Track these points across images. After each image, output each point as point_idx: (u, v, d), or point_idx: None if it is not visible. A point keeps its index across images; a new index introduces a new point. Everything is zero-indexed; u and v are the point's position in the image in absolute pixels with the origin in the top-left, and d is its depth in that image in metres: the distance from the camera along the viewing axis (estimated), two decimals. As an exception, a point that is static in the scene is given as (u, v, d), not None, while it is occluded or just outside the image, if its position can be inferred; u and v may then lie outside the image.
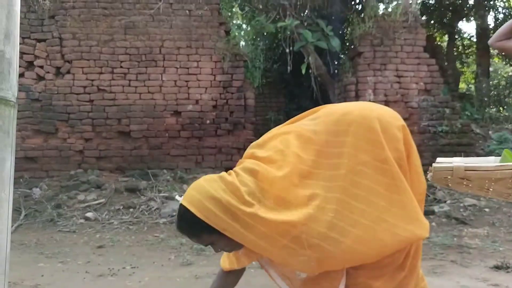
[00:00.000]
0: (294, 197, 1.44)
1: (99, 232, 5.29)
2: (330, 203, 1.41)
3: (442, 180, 1.67)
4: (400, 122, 1.59)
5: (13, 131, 0.92)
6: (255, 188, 1.45)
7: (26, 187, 6.61)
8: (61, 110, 7.17)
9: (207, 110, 7.44)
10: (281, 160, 1.50)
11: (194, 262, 3.96)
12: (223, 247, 1.53)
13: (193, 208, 1.43)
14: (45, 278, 3.50)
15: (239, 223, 1.41)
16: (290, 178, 1.46)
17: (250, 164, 1.53)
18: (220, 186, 1.45)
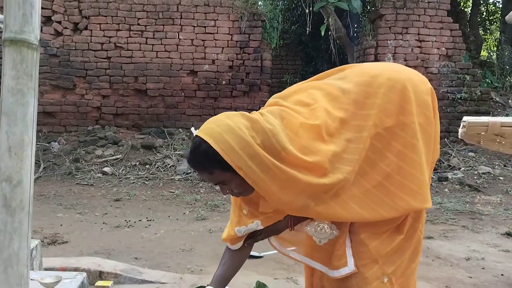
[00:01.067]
0: (318, 149, 1.41)
1: (116, 186, 5.43)
2: (348, 164, 1.42)
3: (474, 137, 1.65)
4: (428, 86, 1.58)
5: (36, 74, 0.95)
6: (281, 132, 1.38)
7: (45, 141, 6.77)
8: (78, 66, 7.22)
9: (223, 71, 7.41)
10: (308, 113, 1.48)
11: (208, 217, 4.07)
12: (233, 189, 1.45)
13: (211, 139, 1.34)
14: (63, 227, 3.64)
15: (257, 164, 1.34)
16: (318, 130, 1.43)
17: (276, 109, 1.49)
18: (242, 122, 1.37)
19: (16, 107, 0.91)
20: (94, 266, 2.27)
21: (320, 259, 1.60)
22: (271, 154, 1.35)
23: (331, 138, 1.44)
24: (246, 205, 1.61)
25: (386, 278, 1.51)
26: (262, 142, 1.35)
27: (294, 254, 1.70)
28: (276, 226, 1.62)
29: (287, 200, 1.42)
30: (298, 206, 1.43)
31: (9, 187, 0.91)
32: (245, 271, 2.59)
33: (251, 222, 1.59)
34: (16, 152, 0.91)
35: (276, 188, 1.38)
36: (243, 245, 1.67)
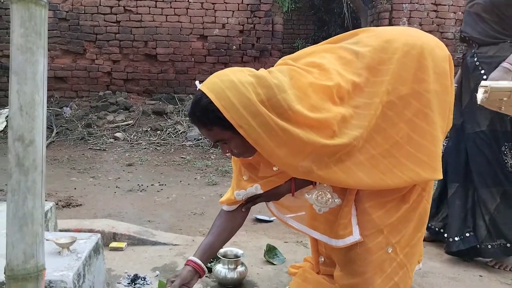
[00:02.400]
0: (328, 110, 1.37)
1: (128, 152, 5.48)
2: (355, 129, 1.39)
3: (496, 102, 1.61)
4: (446, 52, 1.52)
5: (45, 32, 0.93)
6: (289, 91, 1.34)
7: (57, 106, 6.81)
8: (88, 30, 7.15)
9: (234, 35, 7.29)
10: (319, 73, 1.43)
11: (219, 183, 4.11)
12: (232, 148, 1.41)
13: (212, 94, 1.30)
14: (77, 191, 3.71)
15: (259, 124, 1.29)
16: (329, 92, 1.39)
17: (285, 68, 1.45)
18: (247, 78, 1.32)
19: (26, 66, 0.90)
20: (108, 228, 2.31)
21: (320, 228, 1.59)
22: (276, 113, 1.31)
23: (341, 102, 1.41)
24: (246, 170, 1.59)
25: (390, 248, 1.51)
26: (268, 100, 1.31)
27: (292, 222, 1.69)
28: (277, 190, 1.59)
29: (289, 162, 1.39)
30: (300, 169, 1.40)
31: (21, 147, 0.91)
32: (256, 234, 2.63)
33: (251, 186, 1.57)
34: (28, 111, 0.90)
35: (278, 149, 1.34)
36: (240, 209, 1.65)
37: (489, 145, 2.16)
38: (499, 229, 2.17)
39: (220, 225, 1.63)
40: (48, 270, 1.18)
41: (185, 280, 1.48)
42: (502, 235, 2.17)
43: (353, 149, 1.39)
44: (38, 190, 0.94)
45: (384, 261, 1.51)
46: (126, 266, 1.97)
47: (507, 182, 2.18)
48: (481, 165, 1.68)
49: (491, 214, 2.18)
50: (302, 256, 2.09)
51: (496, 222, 2.17)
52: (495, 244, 2.17)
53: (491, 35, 2.18)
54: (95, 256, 1.61)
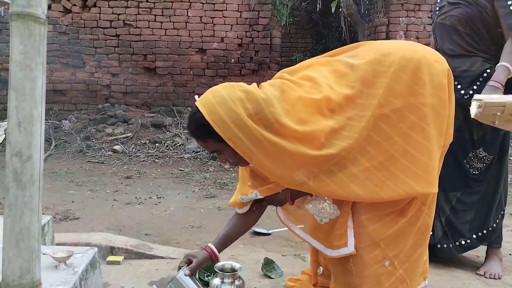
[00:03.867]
0: (316, 123, 1.41)
1: (126, 164, 5.48)
2: (344, 140, 1.40)
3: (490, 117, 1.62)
4: (445, 66, 1.52)
5: (43, 49, 0.94)
6: (277, 105, 1.40)
7: (56, 119, 6.82)
8: (88, 44, 7.20)
9: (232, 49, 7.35)
10: (310, 87, 1.47)
11: (217, 195, 4.10)
12: (227, 158, 1.51)
13: (204, 110, 1.40)
14: (75, 204, 3.70)
15: (247, 137, 1.38)
16: (318, 104, 1.43)
17: (277, 81, 1.50)
18: (237, 94, 1.40)
19: (25, 82, 0.92)
20: (105, 241, 2.31)
21: (319, 238, 1.61)
22: (264, 126, 1.38)
23: (331, 114, 1.43)
24: (251, 178, 1.67)
25: (388, 262, 1.50)
26: (256, 114, 1.38)
27: (296, 229, 1.72)
28: (276, 197, 1.66)
29: (279, 174, 1.44)
30: (292, 181, 1.45)
31: (19, 162, 0.92)
32: (254, 248, 2.62)
33: (251, 192, 1.65)
34: (26, 127, 0.92)
35: (267, 161, 1.41)
36: (252, 209, 1.75)
37: (453, 153, 2.21)
38: (455, 229, 2.30)
39: (236, 220, 1.77)
40: (45, 284, 1.17)
41: (200, 264, 1.66)
42: (459, 234, 2.30)
43: (344, 160, 1.40)
44: (35, 205, 0.94)
45: (381, 275, 1.51)
46: (122, 280, 1.96)
47: (466, 187, 2.29)
48: (442, 171, 1.76)
49: (447, 216, 2.31)
50: (300, 270, 2.08)
51: (452, 223, 2.30)
52: (450, 244, 2.32)
53: (464, 47, 2.21)
54: (92, 270, 1.61)
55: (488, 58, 2.18)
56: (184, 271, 1.60)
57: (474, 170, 2.28)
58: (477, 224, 2.32)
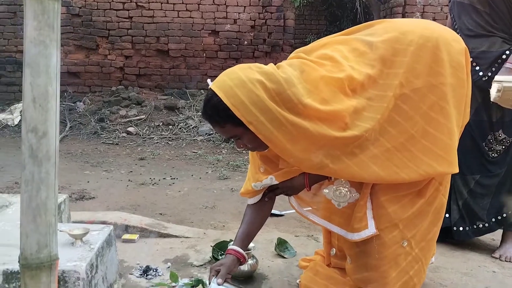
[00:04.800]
0: (340, 102, 1.37)
1: (140, 146, 5.53)
2: (367, 122, 1.38)
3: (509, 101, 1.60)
4: (462, 45, 1.50)
5: (58, 25, 0.94)
6: (298, 85, 1.35)
7: (70, 101, 6.88)
8: (101, 26, 7.21)
9: (245, 31, 7.28)
10: (331, 66, 1.43)
11: (230, 177, 4.12)
12: (246, 143, 1.45)
13: (222, 93, 1.33)
14: (90, 184, 3.75)
15: (269, 120, 1.31)
16: (340, 84, 1.39)
17: (296, 61, 1.45)
18: (256, 76, 1.34)
19: (39, 58, 0.91)
20: (121, 220, 2.34)
21: (338, 222, 1.59)
22: (287, 108, 1.33)
23: (354, 94, 1.40)
24: (263, 164, 1.62)
25: (406, 242, 1.51)
26: (278, 95, 1.32)
27: (312, 216, 1.70)
28: (292, 182, 1.61)
29: (301, 157, 1.40)
30: (313, 164, 1.41)
31: (35, 138, 0.92)
32: (267, 228, 2.63)
33: (266, 178, 1.60)
34: (41, 103, 0.92)
35: (289, 144, 1.35)
36: (264, 200, 1.69)
37: (471, 135, 2.19)
38: (473, 212, 2.29)
39: (250, 215, 1.69)
40: (62, 260, 1.19)
41: (230, 268, 1.56)
42: (477, 217, 2.29)
43: (366, 142, 1.38)
44: (51, 181, 0.95)
45: (399, 255, 1.51)
46: (138, 258, 1.99)
47: (485, 170, 2.26)
48: (460, 154, 1.73)
49: (464, 199, 2.29)
50: (313, 250, 2.09)
51: (470, 206, 2.29)
52: (466, 227, 2.30)
53: (482, 27, 2.15)
54: (108, 247, 1.63)
55: (508, 38, 2.12)
56: (217, 281, 1.50)
57: (493, 152, 2.24)
58: (495, 207, 2.29)
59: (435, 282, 1.91)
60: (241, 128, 1.36)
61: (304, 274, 1.81)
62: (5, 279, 1.31)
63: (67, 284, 1.32)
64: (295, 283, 1.80)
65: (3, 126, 6.23)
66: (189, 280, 1.76)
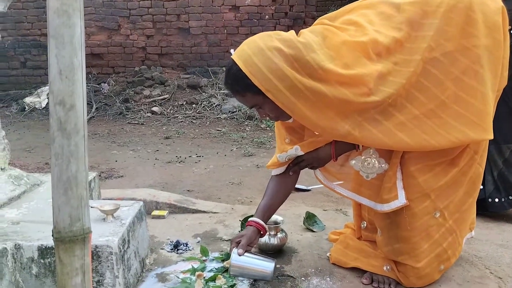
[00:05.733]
0: (363, 67, 1.33)
1: (165, 125, 5.56)
2: (390, 86, 1.33)
3: None
4: (499, 4, 1.41)
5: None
6: (318, 51, 1.32)
7: (95, 83, 6.96)
8: (122, 6, 7.20)
9: (266, 4, 7.15)
10: (355, 30, 1.39)
11: (255, 154, 4.11)
12: (268, 112, 1.45)
13: (240, 62, 1.34)
14: (118, 163, 3.80)
15: (287, 87, 1.31)
16: (364, 48, 1.35)
17: (318, 27, 1.43)
18: (274, 43, 1.33)
19: (63, 29, 0.89)
20: (150, 197, 2.36)
21: (367, 194, 1.55)
22: (307, 73, 1.30)
23: (378, 58, 1.35)
24: (288, 135, 1.60)
25: (438, 213, 1.46)
26: (297, 61, 1.30)
27: (340, 189, 1.67)
28: (317, 153, 1.58)
29: (323, 126, 1.37)
30: (336, 132, 1.38)
31: (63, 111, 0.91)
32: (294, 203, 2.62)
33: (291, 148, 1.58)
34: (67, 75, 0.90)
35: (309, 111, 1.33)
36: (287, 173, 1.67)
37: (506, 102, 2.09)
38: (508, 182, 2.23)
39: (273, 188, 1.68)
40: (94, 235, 1.20)
41: (250, 239, 1.57)
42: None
43: (389, 108, 1.34)
44: (81, 154, 0.94)
45: (431, 227, 1.47)
46: (168, 233, 2.01)
47: None
48: (494, 122, 1.64)
49: (499, 169, 2.23)
50: (342, 224, 2.06)
51: (505, 176, 2.23)
52: (502, 198, 2.24)
53: None
54: (138, 222, 1.64)
55: None
56: (238, 251, 1.51)
57: None
58: None
59: (470, 254, 1.85)
60: (261, 96, 1.36)
61: (334, 247, 1.79)
62: (40, 255, 1.33)
63: (100, 258, 1.34)
64: (325, 256, 1.78)
65: (31, 109, 6.36)
66: (219, 254, 1.77)
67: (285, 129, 1.62)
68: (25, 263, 1.34)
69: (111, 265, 1.34)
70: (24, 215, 1.58)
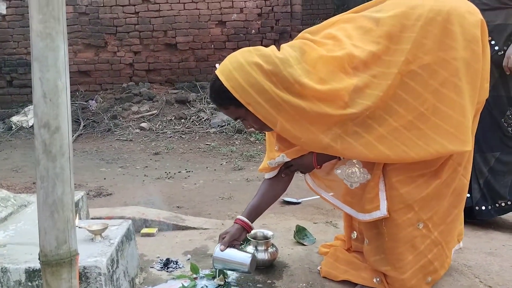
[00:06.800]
0: (339, 81, 1.36)
1: (154, 141, 5.54)
2: (367, 99, 1.36)
3: None
4: (478, 17, 1.44)
5: (63, 17, 0.92)
6: (295, 66, 1.37)
7: (82, 100, 6.92)
8: (108, 23, 7.21)
9: (252, 19, 7.22)
10: (333, 45, 1.42)
11: (245, 167, 4.11)
12: (251, 123, 1.51)
13: (222, 77, 1.41)
14: (107, 181, 3.77)
15: (266, 101, 1.36)
16: (339, 62, 1.38)
17: (298, 42, 1.47)
18: (254, 58, 1.39)
19: (47, 52, 0.90)
20: (139, 214, 2.34)
21: (350, 202, 1.58)
22: (285, 88, 1.35)
23: (355, 72, 1.38)
24: (278, 142, 1.65)
25: (421, 224, 1.47)
26: (274, 76, 1.36)
27: (327, 196, 1.70)
28: (302, 160, 1.62)
29: (304, 138, 1.41)
30: (317, 144, 1.42)
31: (48, 134, 0.91)
32: (284, 216, 2.62)
33: (278, 155, 1.64)
34: (51, 98, 0.90)
35: (289, 125, 1.39)
36: (280, 175, 1.72)
37: (490, 112, 2.14)
38: (494, 190, 2.25)
39: (264, 189, 1.74)
40: (82, 256, 1.19)
41: (234, 236, 1.64)
42: (499, 195, 2.25)
43: (368, 121, 1.37)
44: (67, 177, 0.94)
45: (415, 238, 1.48)
46: (158, 251, 1.99)
47: (505, 147, 2.22)
48: (478, 132, 1.68)
49: (485, 178, 2.25)
50: (332, 236, 2.07)
51: (491, 184, 2.25)
52: (489, 206, 2.26)
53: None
54: (127, 241, 1.63)
55: None
56: (219, 247, 1.60)
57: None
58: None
59: (459, 263, 1.87)
60: (243, 109, 1.43)
61: (324, 260, 1.79)
62: (27, 277, 1.31)
63: (89, 279, 1.32)
64: (316, 270, 1.78)
65: (18, 128, 6.29)
66: (210, 271, 1.76)
67: (275, 137, 1.67)
68: (12, 286, 1.32)
69: (100, 286, 1.33)
70: (11, 237, 1.56)
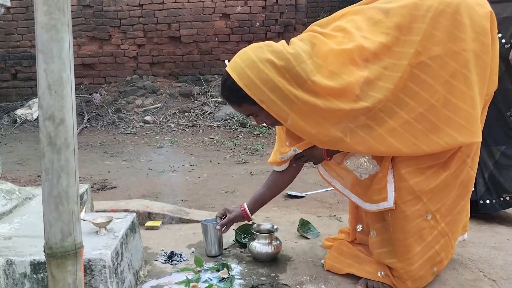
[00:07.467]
0: (349, 74, 1.36)
1: (158, 134, 5.55)
2: (379, 92, 1.36)
3: None
4: (487, 9, 1.44)
5: (68, 9, 0.91)
6: (308, 61, 1.37)
7: (86, 93, 6.93)
8: (112, 15, 7.19)
9: (256, 12, 7.18)
10: (342, 37, 1.42)
11: (248, 161, 4.11)
12: (264, 119, 1.53)
13: (235, 74, 1.41)
14: (111, 174, 3.78)
15: (279, 98, 1.37)
16: (349, 55, 1.37)
17: (307, 35, 1.46)
18: (266, 55, 1.38)
19: (52, 44, 0.89)
20: (143, 207, 2.35)
21: (358, 192, 1.59)
22: (297, 84, 1.36)
23: (366, 63, 1.38)
24: (288, 138, 1.67)
25: (430, 216, 1.48)
26: (287, 72, 1.36)
27: (337, 184, 1.70)
28: (312, 151, 1.65)
29: (315, 133, 1.42)
30: (328, 139, 1.42)
31: (52, 126, 0.91)
32: (288, 210, 2.62)
33: (289, 149, 1.67)
34: (56, 90, 0.90)
35: (302, 121, 1.39)
36: (289, 169, 1.78)
37: (496, 105, 2.13)
38: (499, 184, 2.25)
39: (271, 180, 1.83)
40: (87, 249, 1.20)
41: (233, 221, 1.84)
42: (503, 189, 2.25)
43: (380, 113, 1.37)
44: (72, 169, 0.94)
45: (423, 229, 1.48)
46: (162, 244, 2.00)
47: (510, 140, 2.21)
48: (484, 124, 1.68)
49: (490, 171, 2.25)
50: (336, 230, 2.06)
51: (496, 178, 2.25)
52: (493, 200, 2.26)
53: None
54: (132, 234, 1.63)
55: None
56: (217, 225, 1.81)
57: None
58: None
59: (463, 257, 1.86)
60: (257, 106, 1.42)
61: (328, 254, 1.79)
62: (33, 270, 1.32)
63: (94, 272, 1.33)
64: (319, 263, 1.78)
65: (23, 121, 6.31)
66: (214, 264, 1.76)
67: (286, 133, 1.69)
68: (18, 279, 1.32)
69: (105, 278, 1.33)
70: (16, 229, 1.56)
